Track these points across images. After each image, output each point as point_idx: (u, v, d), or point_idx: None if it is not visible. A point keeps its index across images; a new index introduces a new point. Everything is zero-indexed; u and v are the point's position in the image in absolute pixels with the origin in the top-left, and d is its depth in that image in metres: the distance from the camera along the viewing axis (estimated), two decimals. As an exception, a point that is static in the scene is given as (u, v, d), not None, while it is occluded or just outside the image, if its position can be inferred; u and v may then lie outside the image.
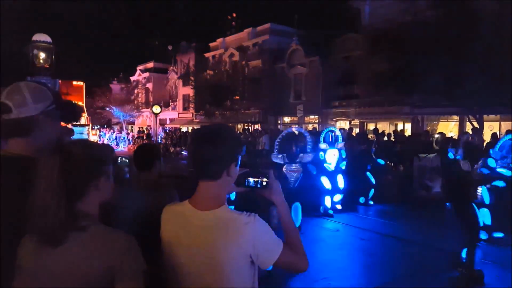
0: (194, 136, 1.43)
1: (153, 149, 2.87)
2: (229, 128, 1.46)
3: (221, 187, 1.36)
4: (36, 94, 1.45)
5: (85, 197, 1.22)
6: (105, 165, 1.28)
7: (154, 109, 24.98)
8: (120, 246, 1.19)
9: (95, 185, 1.23)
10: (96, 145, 1.33)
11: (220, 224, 1.30)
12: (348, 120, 23.42)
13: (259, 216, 1.34)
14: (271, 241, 1.33)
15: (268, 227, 1.34)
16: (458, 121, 17.55)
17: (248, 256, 1.30)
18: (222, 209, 1.34)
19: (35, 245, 1.18)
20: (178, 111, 39.13)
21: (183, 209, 1.39)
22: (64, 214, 1.15)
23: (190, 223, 1.35)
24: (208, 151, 1.31)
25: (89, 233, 1.18)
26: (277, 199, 1.46)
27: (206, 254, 1.30)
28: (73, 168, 1.18)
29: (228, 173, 1.35)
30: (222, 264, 1.29)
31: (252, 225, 1.30)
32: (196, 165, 1.34)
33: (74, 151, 1.21)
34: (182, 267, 1.35)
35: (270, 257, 1.32)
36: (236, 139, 1.39)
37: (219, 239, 1.29)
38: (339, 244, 6.31)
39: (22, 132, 1.43)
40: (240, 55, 30.57)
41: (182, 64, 37.57)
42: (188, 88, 32.08)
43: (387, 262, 5.48)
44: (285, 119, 28.80)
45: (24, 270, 1.19)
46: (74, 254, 1.16)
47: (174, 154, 23.07)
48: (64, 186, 1.15)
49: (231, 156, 1.35)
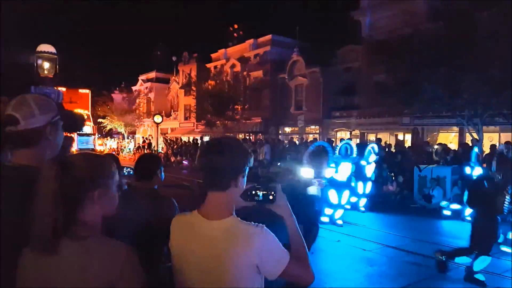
0: (204, 148, 1.48)
1: (154, 159, 2.90)
2: (237, 141, 1.52)
3: (229, 197, 1.40)
4: (42, 105, 1.48)
5: (83, 208, 1.21)
6: (102, 178, 1.26)
7: (155, 118, 25.12)
8: (120, 257, 1.19)
9: (91, 197, 1.22)
10: (95, 157, 1.32)
11: (228, 234, 1.34)
12: (348, 130, 23.48)
13: (267, 228, 1.36)
14: (278, 252, 1.36)
15: (275, 238, 1.36)
16: (458, 132, 17.59)
17: (255, 266, 1.33)
18: (231, 219, 1.38)
19: (34, 255, 1.18)
20: (180, 121, 39.25)
21: (192, 218, 1.43)
22: (58, 222, 1.15)
23: (199, 233, 1.38)
24: (217, 162, 1.37)
25: (87, 244, 1.18)
26: (285, 213, 1.48)
27: (214, 263, 1.33)
28: (68, 179, 1.18)
29: (236, 184, 1.40)
30: (228, 273, 1.32)
31: (260, 235, 1.32)
32: (206, 175, 1.40)
33: (71, 162, 1.22)
34: (190, 276, 1.38)
35: (276, 268, 1.35)
36: (244, 151, 1.43)
37: (227, 248, 1.32)
38: (339, 255, 6.31)
39: (30, 143, 1.45)
40: (242, 66, 30.80)
41: (184, 74, 37.79)
42: (190, 98, 32.24)
43: (389, 272, 5.48)
44: (286, 129, 28.88)
45: (23, 281, 1.20)
46: (71, 264, 1.15)
47: (175, 164, 23.09)
48: (60, 195, 1.16)
49: (239, 167, 1.40)
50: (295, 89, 27.29)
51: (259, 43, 30.72)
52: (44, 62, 9.20)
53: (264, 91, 29.05)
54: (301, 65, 26.31)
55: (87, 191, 1.22)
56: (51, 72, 8.31)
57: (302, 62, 26.11)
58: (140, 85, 45.28)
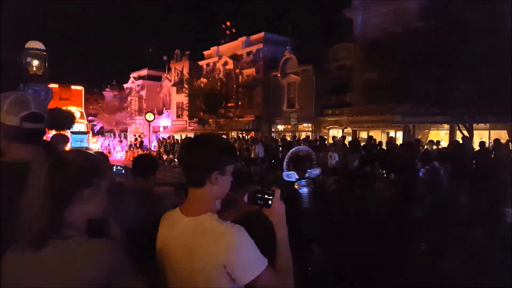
0: (182, 144, 1.49)
1: (152, 160, 2.95)
2: (216, 137, 1.44)
3: (205, 194, 1.36)
4: (42, 105, 1.56)
5: (71, 207, 1.19)
6: (94, 177, 1.24)
7: (147, 116, 24.98)
8: (104, 256, 1.16)
9: (81, 196, 1.20)
10: (89, 156, 1.29)
11: (198, 231, 1.30)
12: (341, 128, 23.58)
13: (244, 229, 1.28)
14: (251, 257, 1.26)
15: (251, 243, 1.27)
16: (449, 129, 17.76)
17: (222, 267, 1.24)
18: (206, 216, 1.33)
19: (19, 253, 1.15)
20: (172, 119, 39.07)
21: (174, 214, 1.42)
22: (46, 220, 1.13)
23: (176, 229, 1.37)
24: (189, 158, 1.36)
25: (70, 244, 1.15)
26: (277, 220, 1.40)
27: (184, 260, 1.30)
28: (60, 176, 1.16)
29: (212, 181, 1.34)
30: (195, 272, 1.28)
31: (229, 235, 1.25)
32: (182, 171, 1.38)
33: (63, 159, 1.20)
34: (168, 273, 1.36)
35: (246, 274, 1.25)
36: (220, 148, 1.36)
37: (195, 246, 1.28)
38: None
39: (40, 139, 1.56)
40: (234, 64, 30.72)
41: (176, 72, 37.60)
42: (182, 95, 32.10)
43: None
44: (279, 127, 28.91)
45: (5, 280, 1.16)
46: (54, 264, 1.13)
47: (168, 162, 22.99)
48: (50, 192, 1.14)
49: (213, 164, 1.33)
50: (287, 86, 27.31)
51: (251, 40, 30.65)
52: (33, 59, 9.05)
53: (257, 89, 29.03)
54: (293, 63, 26.33)
55: (77, 189, 1.19)
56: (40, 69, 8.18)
57: (295, 59, 26.12)
58: (132, 83, 44.93)
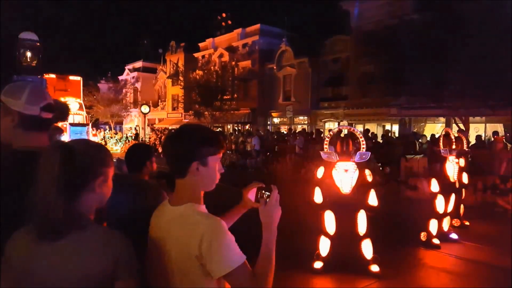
0: (166, 135, 1.49)
1: (145, 149, 2.85)
2: (200, 128, 1.41)
3: (187, 185, 1.35)
4: (50, 96, 1.64)
5: (82, 197, 1.21)
6: (104, 167, 1.27)
7: (142, 108, 24.76)
8: (116, 247, 1.19)
9: (92, 186, 1.22)
10: (96, 145, 1.32)
11: (176, 220, 1.30)
12: (337, 121, 23.62)
13: (222, 222, 1.26)
14: (226, 252, 1.21)
15: (228, 237, 1.23)
16: (445, 123, 17.84)
17: (194, 259, 1.22)
18: (186, 206, 1.32)
19: (29, 240, 1.16)
20: (167, 111, 38.91)
21: (163, 204, 1.45)
22: (62, 211, 1.14)
23: (161, 217, 1.39)
24: (171, 149, 1.38)
25: (88, 232, 1.17)
26: (265, 220, 1.36)
27: (163, 249, 1.31)
28: (73, 165, 1.17)
29: (194, 172, 1.32)
30: (173, 261, 1.28)
31: (204, 226, 1.23)
32: (166, 162, 1.39)
33: (75, 149, 1.20)
34: (155, 263, 1.36)
35: (219, 268, 1.21)
36: (200, 139, 1.34)
37: (172, 235, 1.29)
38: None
39: (49, 128, 1.63)
40: (230, 56, 30.57)
41: (171, 64, 37.35)
42: (177, 88, 31.94)
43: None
44: (275, 119, 28.90)
45: (14, 267, 1.16)
46: (72, 252, 1.14)
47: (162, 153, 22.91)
48: (64, 182, 1.14)
49: (192, 154, 1.32)
50: (283, 79, 27.24)
51: (247, 32, 30.45)
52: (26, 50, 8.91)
53: (253, 81, 28.93)
54: (289, 55, 26.23)
55: (91, 179, 1.22)
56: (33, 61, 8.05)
57: (291, 52, 26.02)
58: (127, 75, 44.62)
